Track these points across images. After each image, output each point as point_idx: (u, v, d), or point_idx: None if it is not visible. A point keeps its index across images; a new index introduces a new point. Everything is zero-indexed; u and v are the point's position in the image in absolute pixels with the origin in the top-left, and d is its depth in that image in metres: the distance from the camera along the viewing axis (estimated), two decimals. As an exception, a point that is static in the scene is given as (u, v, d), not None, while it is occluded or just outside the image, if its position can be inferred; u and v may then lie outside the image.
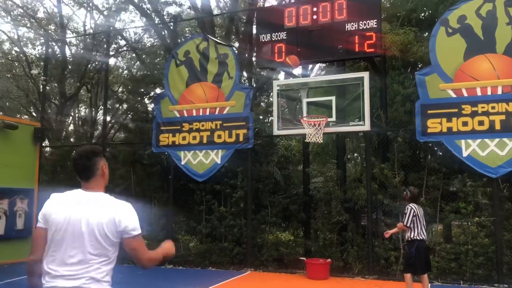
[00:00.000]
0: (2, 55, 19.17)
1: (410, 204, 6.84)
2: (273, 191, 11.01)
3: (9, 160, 11.13)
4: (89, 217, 2.50)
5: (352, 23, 9.49)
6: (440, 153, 11.04)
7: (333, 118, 9.35)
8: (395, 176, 9.50)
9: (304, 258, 9.74)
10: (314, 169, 11.73)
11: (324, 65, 14.17)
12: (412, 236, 6.75)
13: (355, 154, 12.63)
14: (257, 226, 10.69)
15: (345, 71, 10.59)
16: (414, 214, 6.74)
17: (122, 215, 2.54)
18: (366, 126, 9.15)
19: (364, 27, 9.38)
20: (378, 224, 9.73)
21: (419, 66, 11.45)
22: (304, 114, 9.61)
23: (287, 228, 11.65)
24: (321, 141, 9.50)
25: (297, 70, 13.10)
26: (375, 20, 9.36)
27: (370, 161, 9.59)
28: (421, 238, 6.74)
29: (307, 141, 9.55)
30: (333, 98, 9.46)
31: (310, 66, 14.59)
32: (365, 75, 9.33)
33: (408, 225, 6.73)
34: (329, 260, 9.35)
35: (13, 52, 19.65)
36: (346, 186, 10.38)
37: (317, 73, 16.36)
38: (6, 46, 19.99)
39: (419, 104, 9.08)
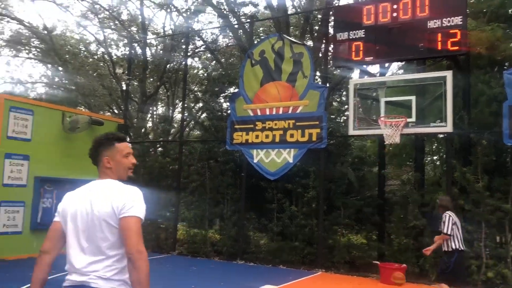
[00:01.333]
0: (89, 55, 20.52)
1: (447, 212, 6.57)
2: (346, 192, 10.84)
3: (95, 154, 11.87)
4: (95, 206, 2.35)
5: (434, 20, 9.09)
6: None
7: (413, 119, 9.01)
8: (478, 180, 8.97)
9: (377, 262, 9.49)
10: (390, 171, 11.39)
11: (402, 63, 13.72)
12: (453, 246, 6.41)
13: (435, 157, 12.09)
14: (329, 227, 10.58)
15: (425, 70, 10.17)
16: (453, 222, 6.45)
17: (122, 197, 2.34)
18: (448, 128, 8.73)
19: (448, 24, 8.94)
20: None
21: (507, 65, 10.73)
22: (382, 113, 9.35)
23: (360, 231, 11.41)
24: (399, 142, 9.19)
25: (374, 69, 12.80)
26: (460, 17, 8.88)
27: (451, 164, 9.14)
28: (462, 248, 6.48)
29: (386, 143, 9.27)
30: (413, 97, 9.12)
31: (387, 64, 14.15)
32: (448, 74, 8.90)
33: (448, 233, 6.38)
34: (404, 265, 9.03)
35: (99, 52, 20.99)
36: (424, 190, 9.97)
37: (394, 72, 15.86)
38: (93, 47, 21.39)
39: (507, 105, 8.49)
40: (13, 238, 10.05)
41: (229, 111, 12.10)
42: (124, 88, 16.56)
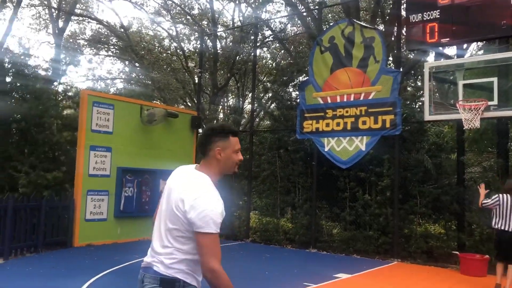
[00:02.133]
0: (163, 51, 21.35)
1: (500, 193, 7.11)
2: (422, 180, 10.44)
3: (171, 145, 12.43)
4: (175, 192, 2.32)
5: (519, -6, 8.43)
6: None
7: (494, 102, 8.46)
8: None
9: (457, 252, 9.09)
10: (470, 158, 10.79)
11: (481, 44, 12.90)
12: (492, 224, 7.12)
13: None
14: (405, 216, 10.26)
15: (508, 50, 9.49)
16: (497, 203, 7.00)
17: (203, 206, 2.20)
18: (535, 110, 8.11)
19: (534, -2, 8.26)
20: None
21: None
22: (460, 97, 8.87)
23: (437, 220, 10.96)
24: (479, 126, 8.67)
25: (450, 51, 12.17)
26: (549, -11, 8.18)
27: (539, 149, 8.48)
28: (502, 228, 6.93)
29: (465, 128, 8.79)
30: (494, 79, 8.55)
31: (465, 45, 13.37)
32: (535, 52, 8.24)
33: (480, 205, 7.23)
34: (487, 256, 8.57)
35: (172, 47, 21.75)
36: (509, 176, 9.34)
37: (472, 53, 14.95)
38: (166, 42, 22.20)
39: None
40: (99, 225, 10.80)
41: (298, 100, 12.08)
42: (197, 81, 17.06)
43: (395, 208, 10.03)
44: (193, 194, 2.23)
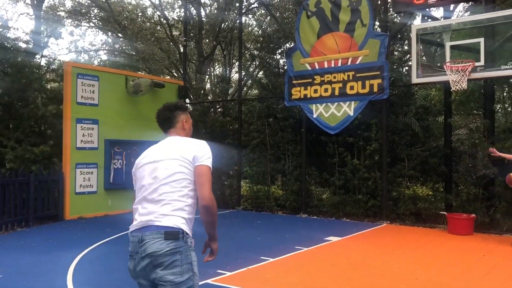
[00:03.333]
0: (146, 20, 20.86)
1: None
2: (410, 143, 10.54)
3: (158, 115, 12.31)
4: (174, 151, 2.62)
5: (506, -48, 8.33)
6: None
7: (481, 63, 8.47)
8: (556, 125, 8.39)
9: (445, 213, 9.28)
10: (456, 120, 10.88)
11: (468, 5, 12.81)
12: None
13: (506, 104, 11.35)
14: (393, 179, 10.40)
15: (495, 9, 9.44)
16: None
17: (199, 147, 2.64)
18: (521, 70, 8.15)
19: (522, -45, 8.17)
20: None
21: None
22: (447, 59, 8.86)
23: (425, 182, 11.13)
24: (466, 88, 8.71)
25: (438, 13, 12.08)
26: None
27: (525, 109, 8.57)
28: None
29: (453, 89, 8.82)
30: (481, 40, 8.53)
31: (452, 7, 13.29)
32: (522, 11, 8.21)
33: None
34: (473, 215, 8.77)
35: (155, 16, 21.26)
36: (495, 138, 9.47)
37: (459, 14, 14.86)
38: (149, 11, 21.68)
39: None
40: (89, 197, 10.79)
41: (286, 67, 11.97)
42: (182, 50, 16.78)
43: (383, 172, 10.15)
44: (196, 143, 2.68)
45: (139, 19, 20.04)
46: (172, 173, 2.56)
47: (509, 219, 8.80)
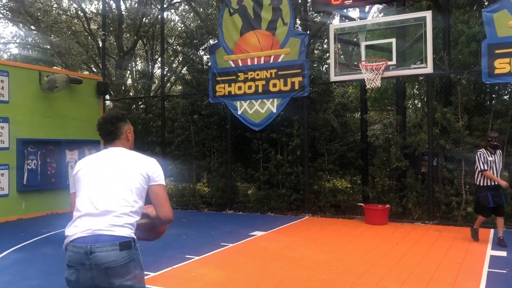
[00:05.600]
0: (62, 12, 19.77)
1: (480, 150, 7.15)
2: (329, 138, 10.98)
3: (76, 113, 11.77)
4: (124, 171, 2.58)
5: (413, -41, 8.92)
6: (507, 97, 10.48)
7: (393, 62, 9.04)
8: (458, 120, 9.15)
9: (362, 204, 9.79)
10: (372, 116, 11.51)
11: (382, 6, 13.55)
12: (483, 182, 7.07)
13: (416, 101, 12.21)
14: (314, 173, 10.79)
15: (405, 12, 10.09)
16: (485, 160, 6.99)
17: (152, 166, 2.66)
18: (428, 69, 8.79)
19: (427, -38, 8.79)
20: (439, 169, 9.50)
21: (486, 3, 10.68)
22: (363, 58, 9.33)
23: (344, 176, 11.67)
24: (380, 86, 9.25)
25: (354, 13, 12.65)
26: (439, -46, 8.73)
27: (432, 105, 9.26)
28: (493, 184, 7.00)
29: (368, 87, 9.31)
30: (393, 40, 9.09)
31: (367, 8, 13.98)
32: (428, 14, 8.85)
33: (484, 168, 6.97)
34: (387, 205, 9.34)
35: (72, 8, 20.21)
36: (406, 132, 10.15)
37: (374, 15, 15.69)
38: (65, 2, 20.56)
39: (485, 44, 8.54)
40: (0, 201, 10.06)
41: (210, 64, 11.94)
42: (101, 44, 16.12)
43: (305, 166, 10.49)
44: (149, 161, 2.69)
45: (53, 11, 18.92)
46: (127, 187, 2.54)
47: (420, 209, 9.47)
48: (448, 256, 6.47)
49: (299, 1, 12.46)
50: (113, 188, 2.53)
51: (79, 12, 19.29)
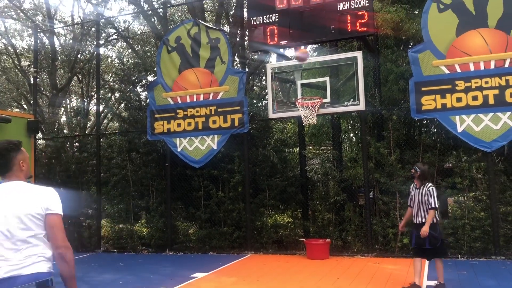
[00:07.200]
0: (-10, 48, 18.93)
1: (429, 184, 6.27)
2: (270, 174, 11.05)
3: (4, 153, 11.08)
4: (19, 206, 2.54)
5: (343, 2, 9.42)
6: (435, 130, 11.12)
7: (328, 99, 9.37)
8: (390, 154, 9.56)
9: (303, 239, 9.84)
10: (310, 151, 11.77)
11: (316, 46, 14.12)
12: (437, 217, 6.22)
13: (351, 134, 12.69)
14: (256, 209, 10.76)
15: (337, 51, 10.58)
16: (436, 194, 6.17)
17: (46, 196, 2.61)
18: (360, 106, 9.18)
19: (356, 6, 9.32)
20: (375, 202, 9.80)
21: (411, 44, 11.44)
22: (299, 96, 9.61)
23: (285, 211, 11.73)
24: (316, 122, 9.52)
25: (290, 52, 13.07)
26: (367, -1, 9.30)
27: (365, 140, 9.63)
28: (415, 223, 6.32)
29: (304, 124, 9.55)
30: (327, 79, 9.46)
31: (303, 47, 14.50)
32: (358, 54, 9.32)
33: (436, 206, 6.10)
34: (328, 240, 9.45)
35: (1, 44, 19.41)
36: (343, 166, 10.45)
37: (310, 54, 16.29)
38: (-6, 38, 19.71)
39: (412, 82, 9.09)
40: None
41: (148, 101, 11.78)
42: (32, 81, 15.49)
43: (246, 203, 10.45)
44: (44, 192, 2.61)
45: (-19, 46, 18.09)
46: (28, 228, 2.51)
47: (359, 241, 9.67)
48: (387, 288, 6.59)
49: (237, 40, 12.74)
50: (17, 232, 2.50)
51: (9, 47, 18.54)
